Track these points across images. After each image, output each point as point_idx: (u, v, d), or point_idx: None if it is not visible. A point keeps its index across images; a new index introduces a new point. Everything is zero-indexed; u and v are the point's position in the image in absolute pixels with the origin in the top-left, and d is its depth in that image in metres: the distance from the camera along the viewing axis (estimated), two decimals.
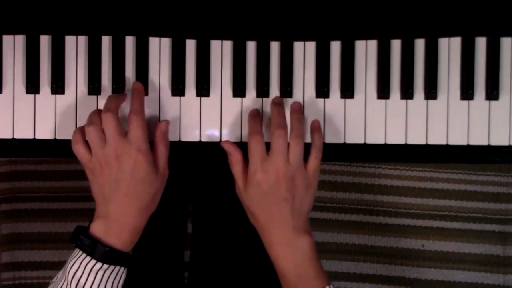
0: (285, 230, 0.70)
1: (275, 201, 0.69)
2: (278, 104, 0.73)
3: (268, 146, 0.70)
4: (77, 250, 0.69)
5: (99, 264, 0.68)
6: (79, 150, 0.70)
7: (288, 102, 0.76)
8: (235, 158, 0.72)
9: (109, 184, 0.69)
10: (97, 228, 0.70)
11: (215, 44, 0.76)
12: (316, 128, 0.74)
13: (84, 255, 0.68)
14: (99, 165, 0.69)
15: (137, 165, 0.68)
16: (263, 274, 0.83)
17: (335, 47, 0.76)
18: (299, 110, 0.74)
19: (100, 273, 0.67)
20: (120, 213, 0.69)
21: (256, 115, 0.74)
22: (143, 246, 0.74)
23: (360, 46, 0.76)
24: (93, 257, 0.68)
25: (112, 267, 0.68)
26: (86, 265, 0.67)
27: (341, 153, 0.77)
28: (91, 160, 0.70)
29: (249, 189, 0.71)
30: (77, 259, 0.68)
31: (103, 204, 0.70)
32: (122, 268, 0.70)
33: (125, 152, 0.68)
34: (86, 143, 0.70)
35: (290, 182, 0.69)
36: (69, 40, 0.76)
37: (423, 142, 0.76)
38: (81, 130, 0.71)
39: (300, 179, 0.70)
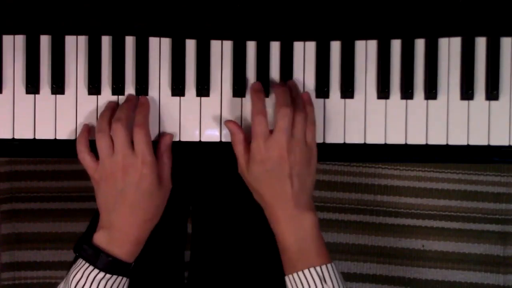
0: (289, 206, 0.70)
1: (278, 178, 0.69)
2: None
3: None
4: (80, 260, 0.69)
5: (101, 274, 0.68)
6: (85, 159, 0.71)
7: None
8: (238, 137, 0.73)
9: (113, 195, 0.69)
10: (100, 238, 0.70)
11: (215, 44, 0.76)
12: (307, 101, 0.74)
13: (87, 264, 0.68)
14: (105, 175, 0.70)
15: (142, 178, 0.69)
16: (263, 274, 0.83)
17: (335, 47, 0.76)
18: (297, 87, 0.75)
19: (102, 283, 0.68)
20: (123, 224, 0.70)
21: (260, 91, 0.73)
22: (144, 246, 0.74)
23: (360, 46, 0.76)
24: (96, 266, 0.68)
25: (114, 277, 0.69)
26: (89, 274, 0.68)
27: (341, 153, 0.77)
28: (97, 170, 0.70)
29: (252, 167, 0.71)
30: (80, 269, 0.68)
31: (107, 215, 0.71)
32: (125, 279, 0.70)
33: (131, 164, 0.69)
34: (91, 151, 0.71)
35: (292, 158, 0.69)
36: (69, 40, 0.76)
37: (423, 142, 0.76)
38: (84, 139, 0.72)
39: (302, 155, 0.70)
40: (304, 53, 0.76)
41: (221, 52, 0.76)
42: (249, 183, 0.73)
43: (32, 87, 0.75)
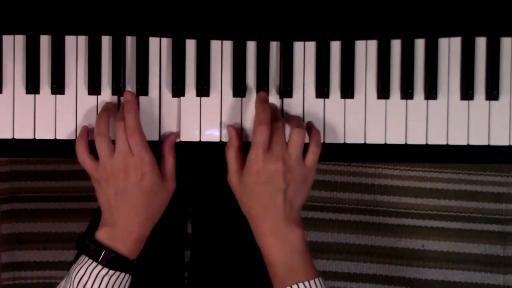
0: (277, 221, 0.70)
1: (270, 191, 0.70)
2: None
3: None
4: (82, 257, 0.70)
5: (105, 270, 0.68)
6: (86, 161, 0.71)
7: (288, 102, 0.76)
8: (234, 143, 0.73)
9: (115, 194, 0.70)
10: (103, 235, 0.70)
11: (215, 44, 0.76)
12: (312, 125, 0.74)
13: (90, 261, 0.68)
14: (106, 176, 0.70)
15: (143, 177, 0.69)
16: (262, 274, 0.83)
17: (335, 47, 0.76)
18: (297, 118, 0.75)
19: (106, 279, 0.68)
20: (126, 223, 0.70)
21: (266, 101, 0.73)
22: (144, 246, 0.74)
23: (360, 46, 0.76)
24: (99, 262, 0.68)
25: (117, 273, 0.69)
26: (92, 270, 0.68)
27: (341, 153, 0.77)
28: (97, 170, 0.70)
29: (246, 177, 0.71)
30: (82, 265, 0.68)
31: (109, 213, 0.71)
32: (127, 275, 0.70)
33: (132, 164, 0.69)
34: (91, 152, 0.71)
35: (288, 174, 0.69)
36: (69, 40, 0.76)
37: (423, 142, 0.76)
38: (83, 141, 0.72)
39: (298, 172, 0.70)
40: (304, 53, 0.76)
41: (221, 52, 0.76)
42: (238, 194, 0.73)
43: (32, 87, 0.75)
